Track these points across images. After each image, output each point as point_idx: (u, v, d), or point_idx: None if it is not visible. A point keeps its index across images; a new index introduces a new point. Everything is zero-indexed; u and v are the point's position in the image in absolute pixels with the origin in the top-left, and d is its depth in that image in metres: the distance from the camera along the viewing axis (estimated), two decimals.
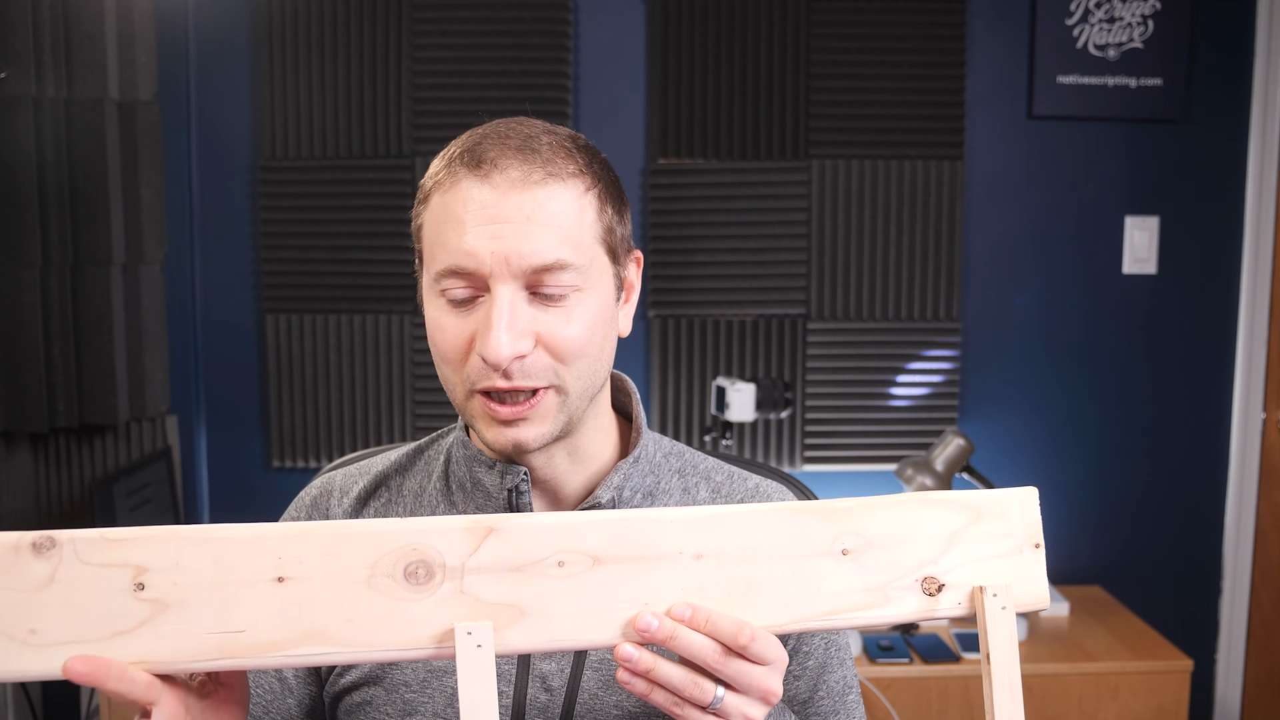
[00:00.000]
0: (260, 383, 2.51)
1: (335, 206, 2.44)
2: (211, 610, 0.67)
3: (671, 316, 2.50)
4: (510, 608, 0.70)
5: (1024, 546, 0.78)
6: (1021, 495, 0.78)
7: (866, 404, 2.53)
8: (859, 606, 0.75)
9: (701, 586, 0.72)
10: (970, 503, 0.77)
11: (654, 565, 0.72)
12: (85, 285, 2.19)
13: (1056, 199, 2.53)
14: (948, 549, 0.76)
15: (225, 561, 0.68)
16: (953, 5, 2.45)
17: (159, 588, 0.67)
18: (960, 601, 0.76)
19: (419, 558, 0.69)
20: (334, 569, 0.69)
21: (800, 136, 2.46)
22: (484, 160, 0.81)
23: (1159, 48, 2.48)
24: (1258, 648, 2.57)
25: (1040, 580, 0.78)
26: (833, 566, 0.75)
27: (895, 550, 0.76)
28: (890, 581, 0.75)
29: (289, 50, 2.42)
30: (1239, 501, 2.58)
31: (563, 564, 0.71)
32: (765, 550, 0.74)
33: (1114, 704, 2.13)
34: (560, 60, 2.43)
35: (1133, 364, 2.58)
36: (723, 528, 0.73)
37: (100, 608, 0.66)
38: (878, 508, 0.76)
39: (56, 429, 2.24)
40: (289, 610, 0.68)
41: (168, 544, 0.67)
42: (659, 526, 0.73)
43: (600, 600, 0.71)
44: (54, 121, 2.12)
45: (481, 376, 0.82)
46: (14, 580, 0.66)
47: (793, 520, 0.75)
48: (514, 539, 0.71)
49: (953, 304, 2.51)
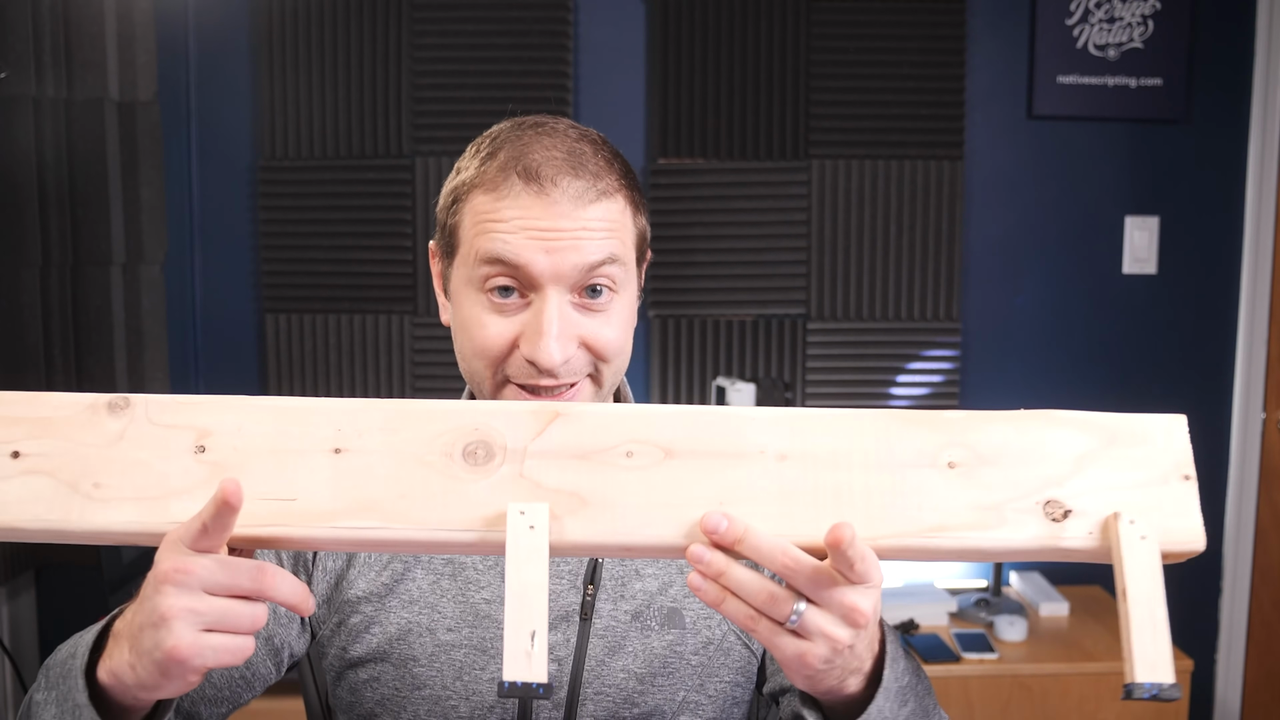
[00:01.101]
0: (260, 383, 2.51)
1: (335, 206, 2.44)
2: (267, 476, 0.67)
3: (671, 316, 2.50)
4: (571, 495, 0.66)
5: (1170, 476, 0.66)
6: (1168, 421, 0.68)
7: (866, 404, 2.53)
8: (970, 525, 0.65)
9: (784, 490, 0.65)
10: (1104, 424, 0.67)
11: (732, 463, 0.66)
12: (85, 285, 2.19)
13: (1056, 199, 2.53)
14: (1076, 472, 0.66)
15: (285, 429, 0.68)
16: (953, 5, 2.45)
17: (219, 451, 0.67)
18: (1091, 530, 0.65)
19: (480, 438, 0.67)
20: (392, 444, 0.67)
21: (800, 136, 2.46)
22: (541, 175, 0.83)
23: (1159, 48, 2.48)
24: (1258, 648, 2.57)
25: (1193, 515, 0.66)
26: (938, 479, 0.66)
27: (1011, 468, 0.66)
28: (1006, 501, 0.65)
29: (289, 50, 2.42)
30: (1239, 501, 2.58)
31: (631, 454, 0.66)
32: (859, 455, 0.66)
33: (1114, 704, 2.13)
34: (560, 60, 2.43)
35: (1132, 364, 2.58)
36: (811, 428, 0.67)
37: (162, 466, 0.67)
38: (991, 421, 0.67)
39: None
40: (343, 481, 0.66)
41: (232, 410, 0.68)
42: (741, 422, 0.67)
43: (670, 495, 0.65)
44: (54, 121, 2.12)
45: (523, 375, 0.85)
46: (88, 436, 0.67)
47: (890, 426, 0.67)
48: (582, 424, 0.67)
49: (953, 304, 2.51)
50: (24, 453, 0.67)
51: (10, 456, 0.67)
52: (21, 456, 0.67)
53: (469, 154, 0.89)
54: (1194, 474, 0.67)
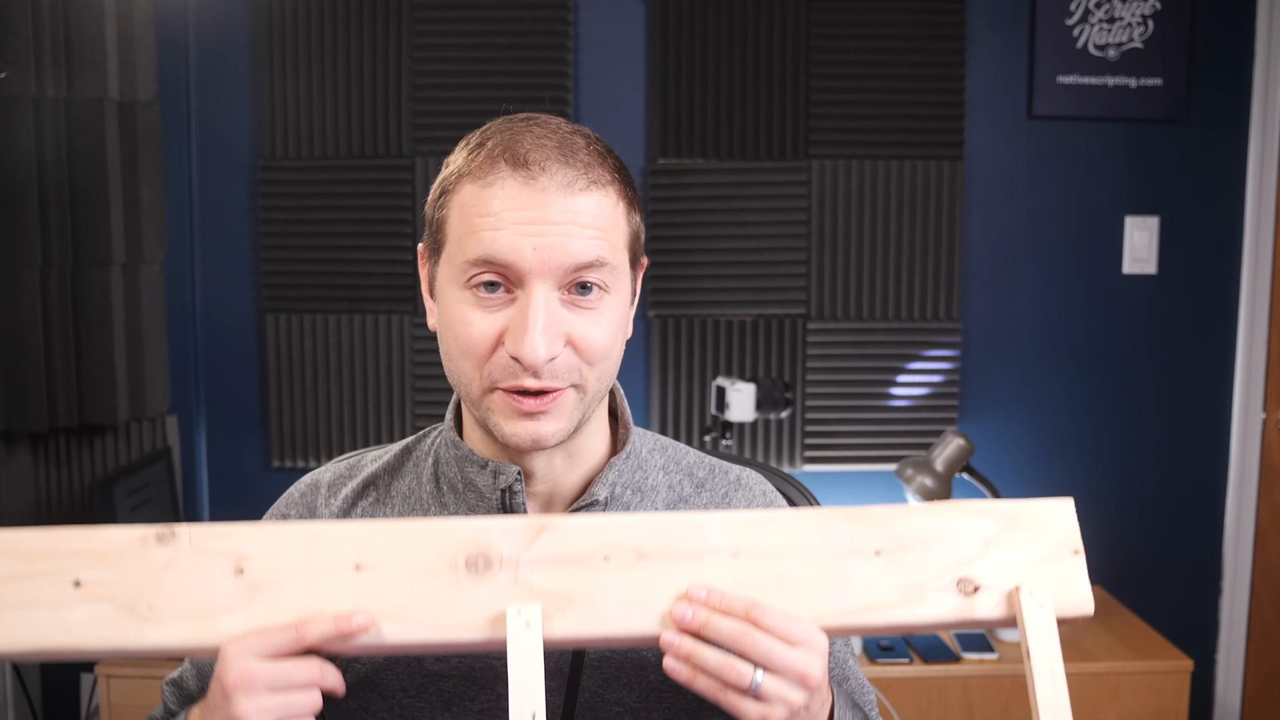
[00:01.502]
0: (260, 383, 2.51)
1: (335, 206, 2.44)
2: (299, 592, 0.76)
3: (671, 316, 2.50)
4: (560, 595, 0.76)
5: (1062, 553, 0.79)
6: (1058, 505, 0.80)
7: (866, 404, 2.53)
8: (894, 604, 0.77)
9: (738, 581, 0.76)
10: (1005, 511, 0.79)
11: (694, 560, 0.77)
12: (85, 285, 2.19)
13: (1056, 199, 2.53)
14: (983, 553, 0.78)
15: (311, 551, 0.77)
16: (953, 5, 2.45)
17: (255, 572, 0.76)
18: (998, 602, 0.77)
19: (479, 550, 0.77)
20: (405, 559, 0.76)
21: (800, 136, 2.46)
22: (529, 161, 0.81)
23: (1159, 48, 2.48)
24: (1258, 648, 2.57)
25: (1082, 585, 0.78)
26: (867, 566, 0.77)
27: (929, 552, 0.78)
28: (925, 581, 0.77)
29: (289, 50, 2.42)
30: (1239, 501, 2.58)
31: (609, 558, 0.76)
32: (799, 549, 0.77)
33: (1114, 704, 2.13)
34: (560, 60, 2.43)
35: (1133, 364, 2.58)
36: (759, 528, 0.78)
37: (207, 588, 0.76)
38: (910, 514, 0.79)
39: (56, 429, 2.24)
40: (365, 592, 0.76)
41: (265, 536, 0.77)
42: (699, 528, 0.78)
43: (643, 591, 0.76)
44: (54, 121, 2.12)
45: (508, 375, 0.82)
46: (139, 564, 0.76)
47: (825, 523, 0.78)
48: (566, 535, 0.77)
49: (953, 304, 2.51)
50: (85, 581, 0.75)
51: (73, 585, 0.75)
52: (83, 585, 0.75)
53: (458, 148, 0.87)
54: (1082, 549, 0.78)
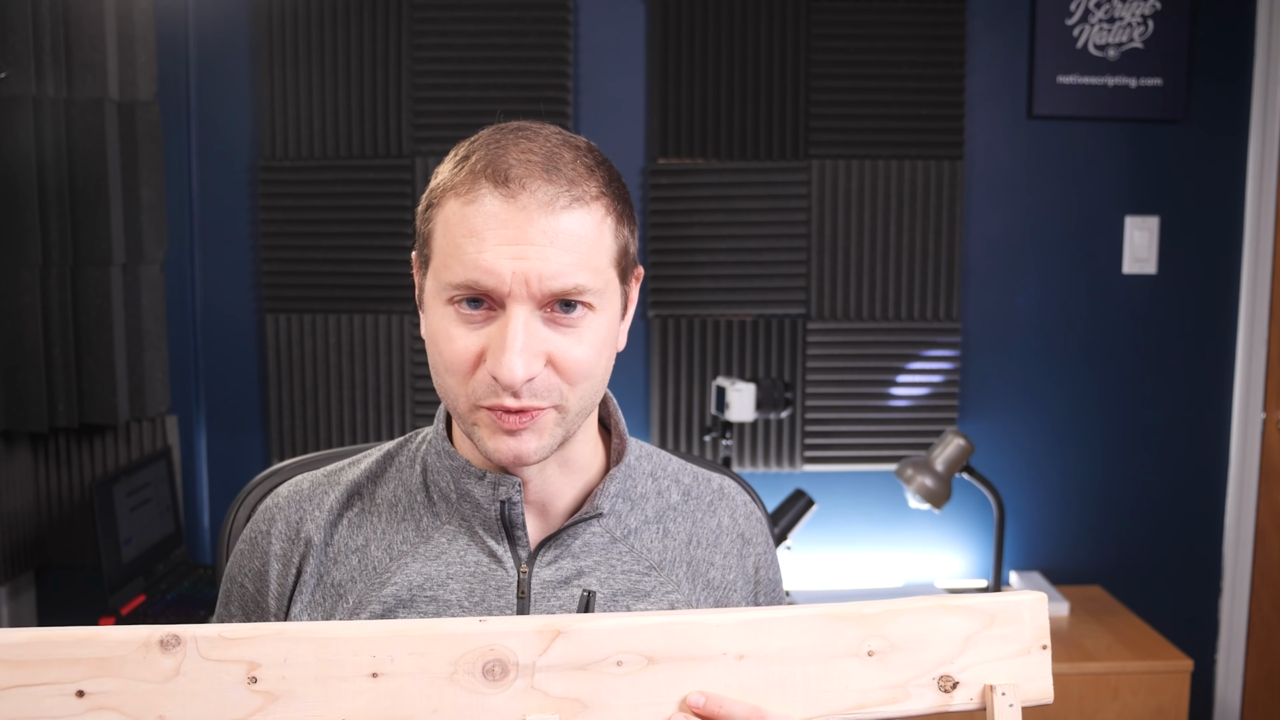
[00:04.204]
0: (260, 383, 2.51)
1: (335, 206, 2.44)
2: (315, 701, 0.74)
3: (671, 316, 2.50)
4: (574, 701, 0.77)
5: (1032, 648, 0.85)
6: (1031, 600, 0.86)
7: (866, 404, 2.53)
8: (881, 702, 0.82)
9: (742, 684, 0.80)
10: (986, 607, 0.85)
11: (701, 664, 0.79)
12: (85, 285, 2.19)
13: (1056, 199, 2.53)
14: (963, 650, 0.84)
15: (327, 658, 0.75)
16: (953, 5, 2.45)
17: (269, 680, 0.74)
18: (972, 698, 0.84)
19: (495, 657, 0.77)
20: (422, 666, 0.76)
21: (800, 136, 2.46)
22: (510, 178, 0.80)
23: (1159, 48, 2.48)
24: (1258, 648, 2.58)
25: (1045, 678, 0.85)
26: (859, 666, 0.82)
27: (916, 652, 0.83)
28: (910, 680, 0.83)
29: (289, 50, 2.42)
30: (1239, 501, 2.58)
31: (621, 663, 0.78)
32: (800, 651, 0.81)
33: (1114, 704, 2.13)
34: (560, 60, 2.43)
35: (1133, 364, 2.58)
36: (764, 631, 0.81)
37: (219, 698, 0.74)
38: (902, 613, 0.84)
39: (56, 429, 2.24)
40: (382, 702, 0.75)
41: (277, 642, 0.75)
42: (706, 630, 0.80)
43: (654, 696, 0.78)
44: (54, 121, 2.12)
45: (488, 394, 0.82)
46: (145, 673, 0.73)
47: (826, 625, 0.82)
48: (579, 640, 0.78)
49: (953, 304, 2.51)
50: (88, 691, 0.73)
51: (75, 695, 0.73)
52: (86, 695, 0.73)
53: (447, 159, 0.87)
54: (1049, 643, 0.85)
